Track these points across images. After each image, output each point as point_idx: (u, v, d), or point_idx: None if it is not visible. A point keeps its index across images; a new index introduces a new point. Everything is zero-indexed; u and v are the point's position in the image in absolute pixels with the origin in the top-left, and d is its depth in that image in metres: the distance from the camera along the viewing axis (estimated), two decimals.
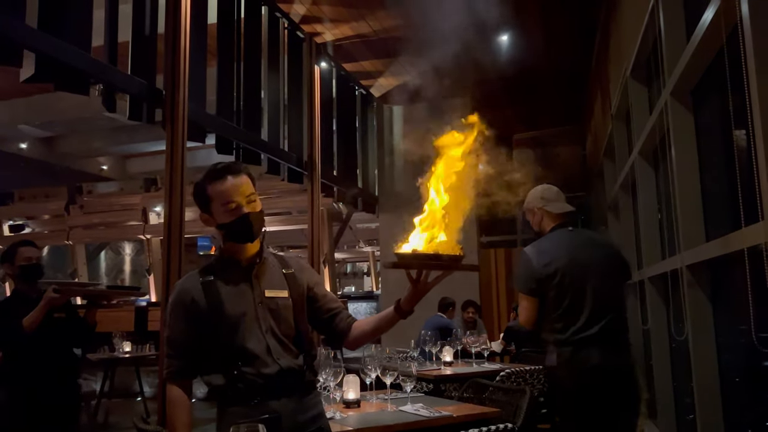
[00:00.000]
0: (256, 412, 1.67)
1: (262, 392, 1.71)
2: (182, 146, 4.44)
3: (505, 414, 2.90)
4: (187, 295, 1.78)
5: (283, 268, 1.91)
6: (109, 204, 11.67)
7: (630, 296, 5.84)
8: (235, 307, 1.77)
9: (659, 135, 3.74)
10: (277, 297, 1.83)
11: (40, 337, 2.92)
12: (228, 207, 1.76)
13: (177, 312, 1.79)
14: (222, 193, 1.77)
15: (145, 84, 4.37)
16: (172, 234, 4.37)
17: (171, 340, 1.78)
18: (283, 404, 1.73)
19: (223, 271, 1.83)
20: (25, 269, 3.08)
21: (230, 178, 1.78)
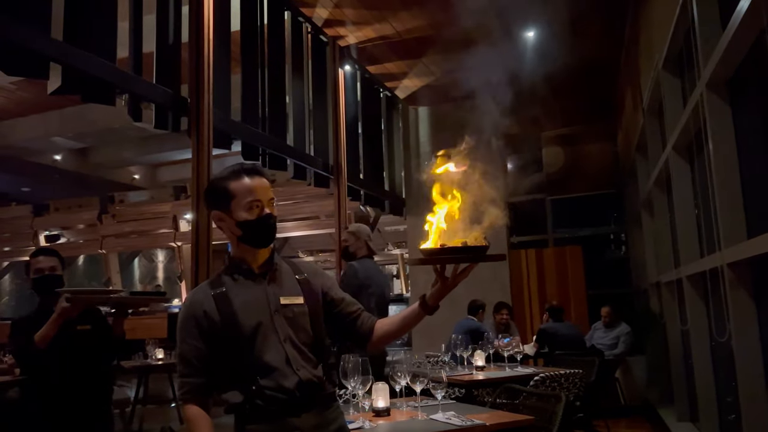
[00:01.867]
0: (277, 429, 1.62)
1: (282, 408, 1.65)
2: (208, 153, 4.45)
3: (540, 420, 2.81)
4: (199, 308, 1.72)
5: (296, 273, 1.85)
6: (140, 212, 11.83)
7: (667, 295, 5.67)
8: (250, 318, 1.70)
9: (694, 128, 3.60)
10: (293, 304, 1.76)
11: (62, 353, 2.68)
12: (253, 204, 1.72)
13: (188, 327, 1.72)
14: (249, 189, 1.72)
15: (170, 93, 4.38)
16: (200, 241, 4.37)
17: (184, 357, 1.71)
18: (303, 420, 1.66)
19: (235, 281, 1.77)
20: (36, 282, 2.87)
21: (258, 177, 1.75)
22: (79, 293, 2.67)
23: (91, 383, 2.82)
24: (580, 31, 6.55)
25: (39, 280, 2.86)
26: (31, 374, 2.82)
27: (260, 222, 1.73)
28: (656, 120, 5.58)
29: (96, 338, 2.86)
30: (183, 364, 1.70)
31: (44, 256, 2.91)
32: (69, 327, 2.68)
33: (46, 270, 2.87)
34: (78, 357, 2.76)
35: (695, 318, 4.24)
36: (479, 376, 4.32)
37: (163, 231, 11.64)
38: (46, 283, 2.85)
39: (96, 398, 2.86)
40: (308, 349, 1.73)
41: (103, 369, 2.96)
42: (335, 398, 1.81)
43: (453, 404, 3.00)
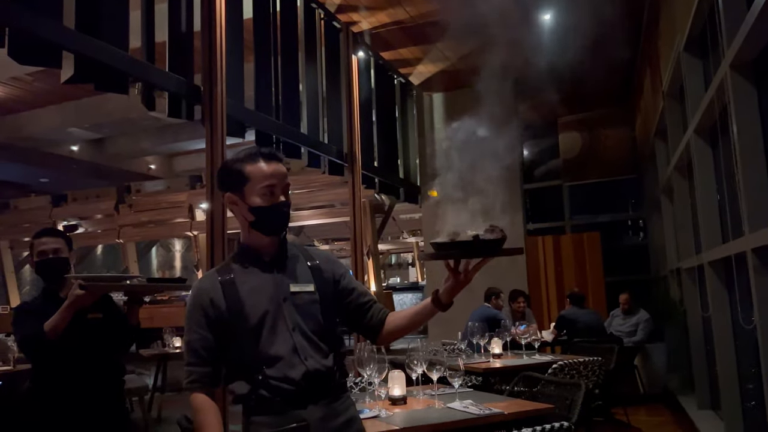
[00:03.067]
0: (283, 422, 1.57)
1: (287, 399, 1.61)
2: (222, 142, 4.43)
3: (559, 408, 2.76)
4: (206, 297, 1.67)
5: (308, 260, 1.79)
6: (157, 202, 11.91)
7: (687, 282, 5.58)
8: (257, 306, 1.65)
9: (718, 110, 3.51)
10: (303, 291, 1.70)
11: (72, 343, 2.48)
12: (267, 189, 1.66)
13: (195, 315, 1.67)
14: (264, 174, 1.66)
15: (184, 81, 4.36)
16: (215, 230, 4.37)
17: (191, 346, 1.66)
18: (310, 412, 1.61)
19: (244, 268, 1.71)
20: (39, 266, 2.62)
21: (275, 162, 1.69)
22: (93, 280, 2.44)
23: (102, 374, 2.62)
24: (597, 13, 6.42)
25: (42, 263, 2.60)
26: (39, 365, 2.60)
27: (274, 209, 1.67)
28: (677, 103, 5.46)
29: (107, 327, 2.65)
30: (190, 353, 1.66)
31: (48, 237, 2.64)
32: (79, 315, 2.47)
33: (50, 252, 2.60)
34: (88, 347, 2.56)
35: (717, 305, 4.16)
36: (496, 363, 4.28)
37: (179, 220, 11.73)
38: (49, 266, 2.61)
39: (108, 390, 2.66)
40: (318, 338, 1.68)
41: (115, 360, 2.74)
42: (346, 389, 1.76)
43: (470, 392, 2.97)
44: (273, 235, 1.72)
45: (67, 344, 2.45)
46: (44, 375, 2.56)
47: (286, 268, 1.73)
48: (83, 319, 2.51)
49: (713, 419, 4.93)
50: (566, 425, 1.93)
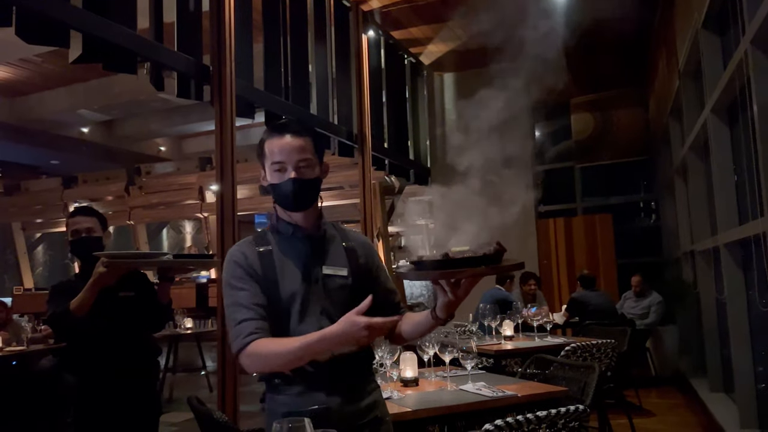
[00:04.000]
0: (304, 403, 1.54)
1: (311, 381, 1.57)
2: (231, 122, 4.39)
3: (572, 391, 2.74)
4: (245, 259, 1.61)
5: (344, 241, 1.73)
6: (167, 184, 11.90)
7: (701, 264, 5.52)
8: (290, 284, 1.59)
9: (738, 87, 3.43)
10: (336, 275, 1.64)
11: (104, 320, 2.48)
12: (276, 166, 1.61)
13: (237, 273, 1.59)
14: (273, 150, 1.62)
15: (192, 61, 4.32)
16: (225, 212, 4.35)
17: (238, 302, 1.56)
18: (333, 396, 1.57)
19: (279, 242, 1.66)
20: (73, 245, 2.64)
21: (288, 136, 1.61)
22: (117, 257, 2.42)
23: (134, 353, 2.61)
24: None
25: (76, 242, 2.62)
26: (68, 343, 2.64)
27: (282, 187, 1.61)
28: (693, 82, 5.36)
29: (140, 305, 2.63)
30: (238, 311, 1.55)
31: (81, 216, 2.67)
32: (111, 293, 2.49)
33: (83, 231, 2.62)
34: (121, 325, 2.56)
35: (733, 287, 4.11)
36: (508, 345, 4.26)
37: (189, 202, 11.72)
38: (82, 245, 2.61)
39: (140, 369, 2.65)
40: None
41: (148, 339, 2.73)
42: (371, 373, 1.71)
43: (482, 374, 2.95)
44: (290, 210, 1.66)
45: (98, 322, 2.45)
46: (76, 352, 2.57)
47: (320, 248, 1.68)
48: (115, 296, 2.53)
49: (726, 402, 4.90)
50: (581, 408, 1.90)
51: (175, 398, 6.69)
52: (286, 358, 1.48)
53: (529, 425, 1.84)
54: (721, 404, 4.83)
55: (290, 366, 1.52)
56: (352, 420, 1.59)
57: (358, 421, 1.61)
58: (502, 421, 1.90)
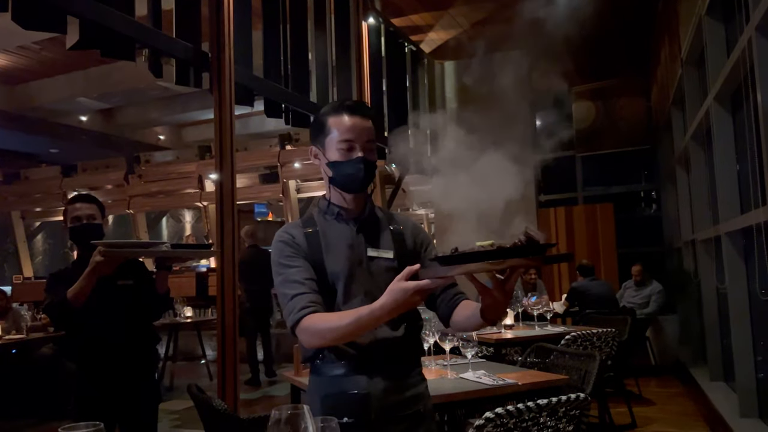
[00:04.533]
0: (344, 387, 1.51)
1: (353, 365, 1.53)
2: (230, 110, 4.36)
3: (572, 379, 2.73)
4: (292, 239, 1.61)
5: (391, 224, 1.70)
6: (167, 172, 11.85)
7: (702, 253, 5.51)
8: (335, 265, 1.58)
9: (742, 75, 3.39)
10: (381, 257, 1.62)
11: (101, 309, 2.47)
12: (345, 144, 1.58)
13: (285, 252, 1.58)
14: (344, 127, 1.59)
15: (191, 47, 4.28)
16: (224, 201, 4.32)
17: (289, 279, 1.54)
18: (375, 381, 1.53)
19: (326, 223, 1.65)
20: (72, 232, 2.61)
21: (359, 116, 1.61)
22: (115, 246, 2.40)
23: (133, 342, 2.60)
24: None
25: (75, 229, 2.60)
26: (67, 331, 2.64)
27: (350, 164, 1.58)
28: (696, 70, 5.32)
29: (139, 294, 2.62)
30: (290, 286, 1.54)
31: (82, 203, 2.64)
32: (110, 281, 2.47)
33: (84, 218, 2.60)
34: (119, 314, 2.55)
35: (734, 276, 4.09)
36: (508, 334, 4.26)
37: (189, 191, 11.69)
38: (83, 232, 2.59)
39: (139, 358, 2.63)
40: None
41: (146, 328, 2.72)
42: (418, 363, 1.66)
43: (482, 363, 2.94)
44: (350, 192, 1.63)
45: (96, 310, 2.44)
46: (75, 340, 2.56)
47: (367, 230, 1.65)
48: (113, 285, 2.52)
49: (725, 391, 4.90)
50: (582, 396, 1.90)
51: (175, 386, 6.70)
52: (338, 332, 1.45)
53: (529, 413, 1.83)
54: (721, 393, 4.84)
55: (344, 340, 1.49)
56: (393, 410, 1.55)
57: (399, 412, 1.56)
58: (502, 409, 1.90)
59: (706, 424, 4.66)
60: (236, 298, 3.95)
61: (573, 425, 1.93)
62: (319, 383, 1.57)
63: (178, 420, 5.26)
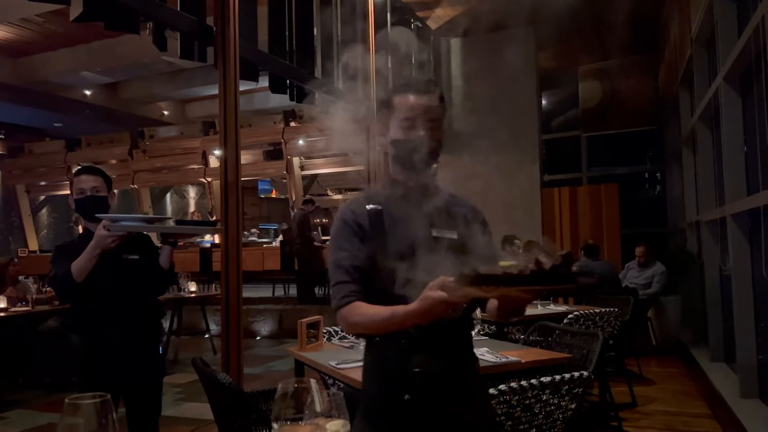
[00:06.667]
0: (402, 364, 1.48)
1: (410, 342, 1.48)
2: (235, 85, 4.32)
3: (574, 358, 2.75)
4: (354, 218, 1.58)
5: (455, 205, 1.65)
6: (171, 148, 11.85)
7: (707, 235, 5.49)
8: (397, 245, 1.51)
9: (753, 54, 3.35)
10: (445, 237, 1.57)
11: (106, 283, 2.47)
12: (407, 122, 1.55)
13: (343, 233, 1.57)
14: (405, 105, 1.56)
15: (195, 21, 4.24)
16: (228, 177, 4.31)
17: (339, 264, 1.55)
18: (434, 360, 1.49)
19: (390, 201, 1.61)
20: (78, 204, 2.58)
21: (426, 96, 1.56)
22: (120, 220, 2.40)
23: (137, 316, 2.59)
24: None
25: (81, 201, 2.56)
26: (71, 304, 2.64)
27: (409, 143, 1.55)
28: (705, 50, 5.26)
29: (144, 269, 2.61)
30: (338, 272, 1.55)
31: (87, 175, 2.60)
32: (115, 256, 2.47)
33: (89, 190, 2.56)
34: (124, 288, 2.54)
35: (738, 257, 4.09)
36: None
37: (193, 166, 11.70)
38: (88, 204, 2.55)
39: (143, 331, 2.62)
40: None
41: (151, 302, 2.72)
42: (470, 350, 1.62)
43: (485, 340, 2.96)
44: (410, 171, 1.59)
45: (101, 284, 2.44)
46: (80, 313, 2.56)
47: (431, 210, 1.60)
48: (119, 259, 2.51)
49: (726, 371, 4.93)
50: (586, 375, 1.91)
51: (179, 360, 6.77)
52: (373, 327, 1.50)
53: (533, 390, 1.84)
54: (722, 374, 4.86)
55: (378, 333, 1.52)
56: (451, 389, 1.52)
57: (457, 391, 1.54)
58: (505, 386, 1.91)
59: (705, 403, 4.70)
60: (240, 274, 3.97)
61: (575, 403, 1.94)
62: (378, 361, 1.55)
63: (182, 393, 5.32)
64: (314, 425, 0.97)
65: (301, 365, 2.80)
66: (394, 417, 1.50)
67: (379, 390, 1.53)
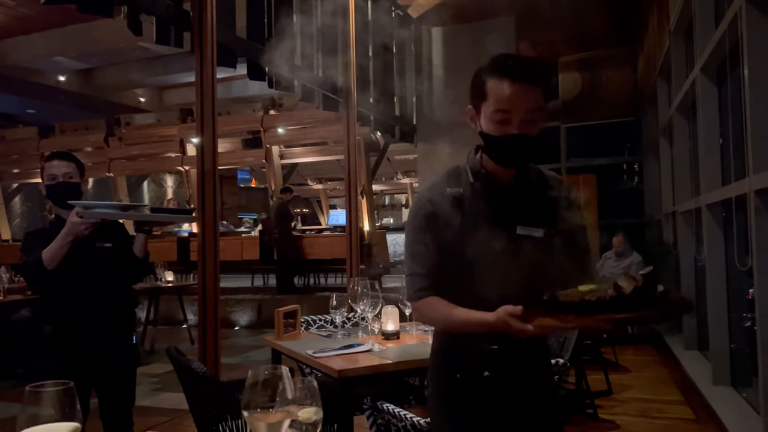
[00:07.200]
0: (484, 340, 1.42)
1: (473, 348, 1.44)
2: (212, 72, 4.25)
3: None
4: (429, 206, 1.48)
5: (547, 192, 1.50)
6: (147, 136, 11.67)
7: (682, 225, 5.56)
8: (476, 241, 1.41)
9: (729, 46, 3.38)
10: (530, 236, 1.44)
11: (78, 271, 2.41)
12: (501, 116, 1.37)
13: (418, 223, 1.49)
14: (502, 96, 1.36)
15: (171, 5, 4.16)
16: (205, 164, 4.25)
17: (413, 255, 1.49)
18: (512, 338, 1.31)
19: (472, 188, 1.48)
20: (50, 190, 2.51)
21: (521, 83, 1.35)
22: (93, 208, 2.35)
23: (110, 305, 2.54)
24: None
25: (52, 187, 2.50)
26: (42, 292, 2.59)
27: (501, 142, 1.39)
28: (683, 41, 5.30)
29: (117, 257, 2.55)
30: (412, 263, 1.49)
31: (59, 160, 2.52)
32: (88, 243, 2.42)
33: (61, 176, 2.49)
34: (96, 277, 2.49)
35: (712, 247, 4.15)
36: None
37: (170, 155, 11.54)
38: (59, 191, 2.49)
39: (116, 321, 2.57)
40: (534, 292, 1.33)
41: (124, 291, 2.67)
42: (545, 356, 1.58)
43: None
44: (502, 165, 1.47)
45: (73, 272, 2.39)
46: (51, 302, 2.51)
47: (517, 203, 1.47)
48: (92, 247, 2.46)
49: (699, 359, 5.01)
50: (562, 362, 1.91)
51: (156, 350, 6.70)
52: (443, 327, 1.51)
53: None
54: (695, 361, 4.95)
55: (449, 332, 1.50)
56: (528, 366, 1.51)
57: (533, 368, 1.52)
58: None
59: (679, 390, 4.78)
60: (218, 263, 3.92)
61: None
62: (455, 339, 1.49)
63: (159, 383, 5.26)
64: (286, 412, 0.95)
65: (278, 354, 2.78)
66: (473, 395, 1.48)
67: (456, 369, 1.51)
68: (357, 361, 2.31)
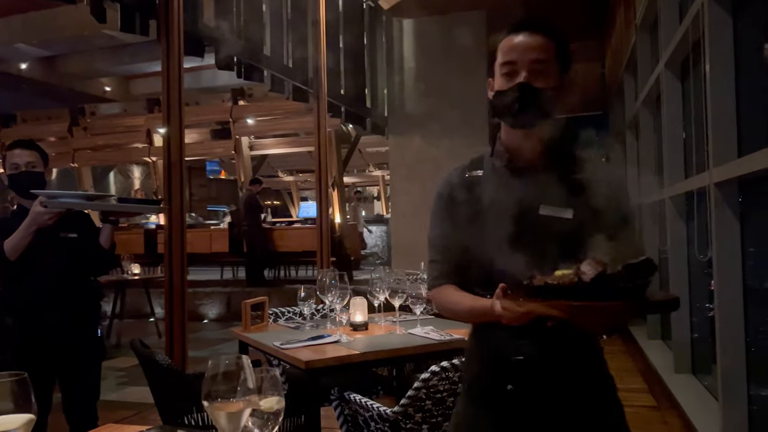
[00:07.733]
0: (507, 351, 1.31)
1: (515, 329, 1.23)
2: (179, 61, 4.17)
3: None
4: (446, 190, 1.44)
5: (575, 172, 1.37)
6: (113, 126, 11.45)
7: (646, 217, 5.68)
8: (496, 224, 1.31)
9: (692, 43, 3.45)
10: (556, 216, 1.33)
11: (41, 262, 2.38)
12: (507, 67, 1.33)
13: (438, 207, 1.45)
14: (506, 47, 1.34)
15: None
16: (172, 155, 4.18)
17: (432, 242, 1.46)
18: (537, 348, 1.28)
19: (493, 168, 1.41)
20: (12, 180, 2.46)
21: (524, 33, 1.33)
22: (58, 197, 2.33)
23: (73, 296, 2.51)
24: None
25: (15, 177, 2.45)
26: (3, 283, 2.52)
27: (506, 93, 1.32)
28: (649, 37, 5.39)
29: (82, 248, 2.52)
30: (431, 250, 1.46)
31: (21, 149, 2.48)
32: (52, 233, 2.39)
33: (23, 165, 2.45)
34: (60, 267, 2.46)
35: (675, 239, 4.25)
36: None
37: (137, 145, 11.35)
38: (22, 180, 2.45)
39: (80, 314, 2.54)
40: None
41: (89, 283, 2.64)
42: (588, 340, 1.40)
43: (432, 320, 2.98)
44: (513, 126, 1.39)
45: (36, 263, 2.37)
46: (13, 293, 2.46)
47: (543, 180, 1.36)
48: (56, 237, 2.43)
49: (662, 348, 5.14)
50: None
51: (122, 344, 6.60)
52: (454, 316, 1.45)
53: None
54: (658, 351, 5.07)
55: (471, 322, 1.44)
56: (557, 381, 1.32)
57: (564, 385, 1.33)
58: (448, 362, 1.93)
59: (643, 379, 4.88)
60: (185, 255, 3.87)
61: None
62: (481, 345, 1.40)
63: (125, 377, 5.19)
64: (246, 402, 0.94)
65: (245, 346, 2.76)
66: (497, 406, 1.34)
67: (481, 377, 1.40)
68: (325, 352, 2.31)
